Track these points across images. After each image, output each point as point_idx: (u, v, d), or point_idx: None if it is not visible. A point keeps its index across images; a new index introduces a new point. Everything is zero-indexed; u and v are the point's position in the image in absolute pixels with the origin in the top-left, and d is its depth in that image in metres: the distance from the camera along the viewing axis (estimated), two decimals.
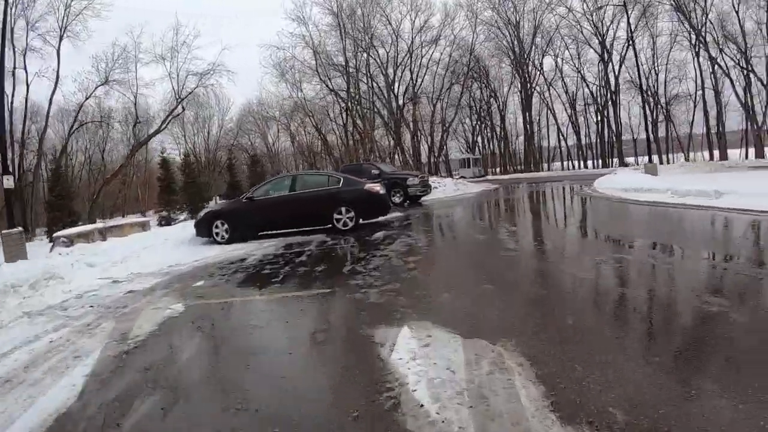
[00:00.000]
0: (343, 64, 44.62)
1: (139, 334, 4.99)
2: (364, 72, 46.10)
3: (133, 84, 41.18)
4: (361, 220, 12.26)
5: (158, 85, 60.66)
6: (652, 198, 13.39)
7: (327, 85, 44.04)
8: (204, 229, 12.54)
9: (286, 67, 44.10)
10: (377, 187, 12.40)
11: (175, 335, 5.03)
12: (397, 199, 20.15)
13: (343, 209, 11.93)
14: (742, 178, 16.29)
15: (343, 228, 11.91)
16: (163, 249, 11.62)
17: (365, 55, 45.27)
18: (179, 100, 42.66)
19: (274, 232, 12.58)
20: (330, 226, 12.05)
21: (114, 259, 9.81)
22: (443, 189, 25.66)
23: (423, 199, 21.40)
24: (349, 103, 45.14)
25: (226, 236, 12.25)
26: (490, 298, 5.13)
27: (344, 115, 46.56)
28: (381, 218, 13.30)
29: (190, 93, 43.18)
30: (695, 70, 40.98)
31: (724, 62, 38.92)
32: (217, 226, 12.36)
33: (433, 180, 27.08)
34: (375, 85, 50.04)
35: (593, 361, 3.27)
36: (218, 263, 9.34)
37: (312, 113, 45.29)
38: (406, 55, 50.35)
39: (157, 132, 44.86)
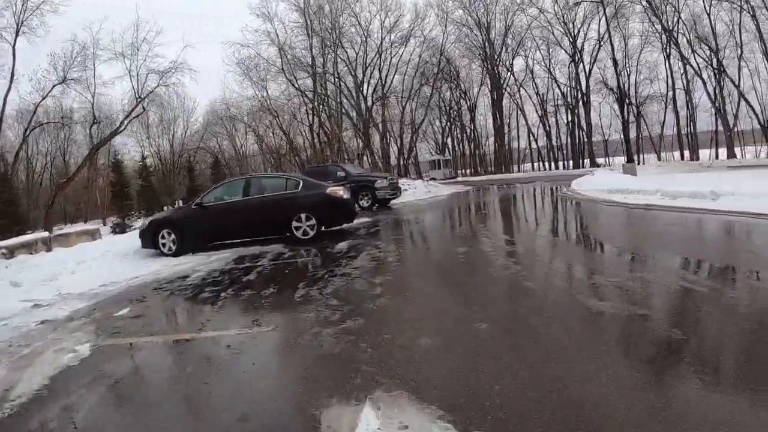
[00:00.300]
0: (310, 62, 42.87)
1: (21, 395, 3.60)
2: (332, 72, 44.45)
3: (91, 83, 38.74)
4: (323, 228, 10.77)
5: (118, 84, 57.81)
6: (641, 200, 12.26)
7: (293, 84, 42.18)
8: (149, 240, 10.91)
9: (251, 65, 42.13)
10: (340, 191, 10.89)
11: (60, 399, 3.52)
12: (364, 203, 18.74)
13: (303, 216, 10.39)
14: (727, 178, 15.31)
15: (303, 237, 10.39)
16: (102, 263, 9.94)
17: (333, 54, 43.52)
18: (139, 99, 40.30)
19: (229, 242, 11.00)
20: (288, 234, 10.53)
21: (45, 275, 8.41)
22: (414, 191, 24.32)
23: (392, 202, 20.04)
24: (316, 103, 43.28)
25: (174, 248, 10.72)
26: (495, 350, 3.56)
27: (310, 116, 44.71)
28: (346, 225, 11.83)
29: (150, 92, 40.82)
30: (666, 71, 40.74)
31: (696, 63, 38.71)
32: (163, 237, 10.80)
33: (402, 182, 25.72)
34: (343, 85, 48.70)
35: None
36: (156, 282, 7.90)
37: (277, 113, 43.21)
38: (375, 55, 49.15)
39: (116, 133, 42.20)
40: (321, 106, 43.80)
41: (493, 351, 3.53)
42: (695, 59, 38.71)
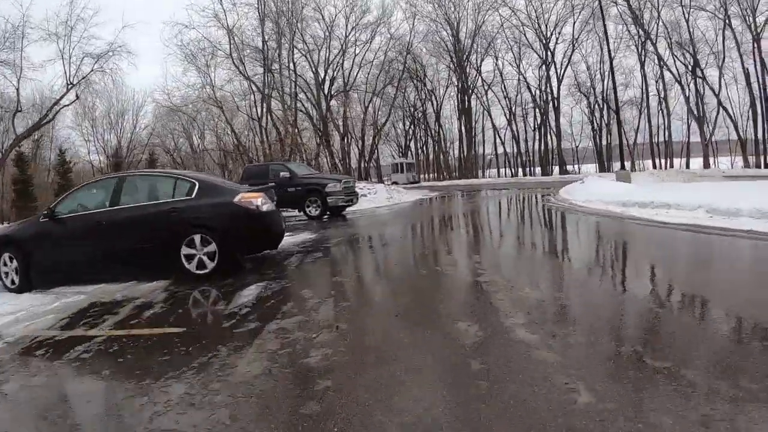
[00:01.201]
0: (260, 46, 38.14)
1: None
2: (287, 65, 40.02)
3: (18, 66, 33.50)
4: (235, 256, 6.89)
5: (49, 68, 52.54)
6: (682, 218, 8.93)
7: (240, 71, 37.19)
8: None
9: (196, 50, 37.02)
10: (258, 199, 6.94)
11: None
12: (313, 211, 15.08)
13: (197, 239, 6.56)
14: (754, 189, 12.22)
15: (198, 272, 6.58)
16: None
17: (289, 43, 39.09)
18: (70, 85, 35.44)
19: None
20: (181, 267, 6.69)
21: None
22: (373, 197, 20.72)
23: (349, 210, 16.42)
24: (267, 93, 38.27)
25: (16, 281, 7.10)
26: None
27: (260, 108, 39.34)
28: (271, 251, 8.12)
29: (83, 78, 36.15)
30: (642, 77, 38.43)
31: (677, 69, 36.56)
32: (5, 263, 7.20)
33: (361, 186, 22.09)
34: (303, 81, 44.65)
35: None
36: None
37: (222, 105, 38.43)
38: (339, 52, 45.31)
39: (39, 125, 36.87)
40: (270, 96, 39.04)
41: None
42: (675, 65, 36.59)
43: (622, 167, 19.27)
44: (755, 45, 34.93)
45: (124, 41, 41.99)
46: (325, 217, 15.27)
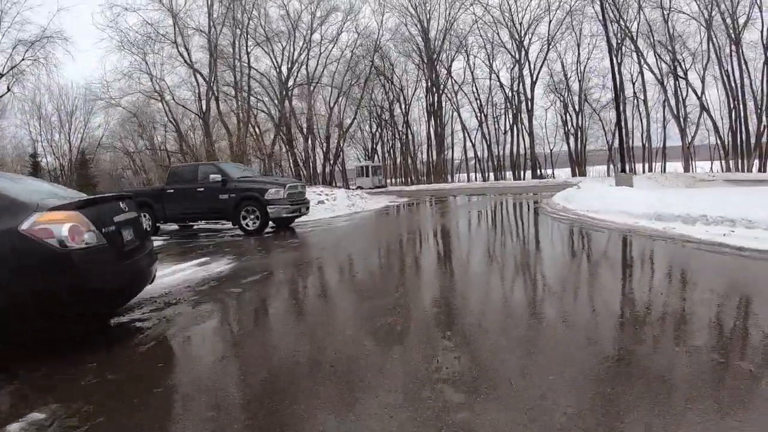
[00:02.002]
0: (207, 30, 33.65)
1: None
2: (239, 56, 35.77)
3: None
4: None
5: None
6: (754, 241, 5.85)
7: (184, 60, 32.54)
8: None
9: (138, 37, 32.17)
10: (65, 228, 3.39)
11: None
12: (250, 224, 11.61)
13: None
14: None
15: None
16: None
17: (242, 32, 34.90)
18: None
19: None
20: None
21: None
22: (332, 205, 17.28)
23: (300, 220, 13.04)
24: (212, 82, 33.48)
25: None
26: None
27: (204, 101, 34.28)
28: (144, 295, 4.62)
29: (14, 67, 31.98)
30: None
31: (659, 69, 34.27)
32: None
33: (319, 191, 18.68)
34: (266, 81, 40.91)
35: None
36: None
37: (162, 96, 33.86)
38: (303, 49, 41.68)
39: None
40: (223, 94, 34.87)
41: None
42: (658, 65, 34.30)
43: (623, 170, 16.34)
44: (732, 47, 33.19)
45: (61, 27, 37.43)
46: (270, 231, 11.84)
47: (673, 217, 8.21)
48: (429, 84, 43.54)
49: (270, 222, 11.89)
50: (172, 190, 12.71)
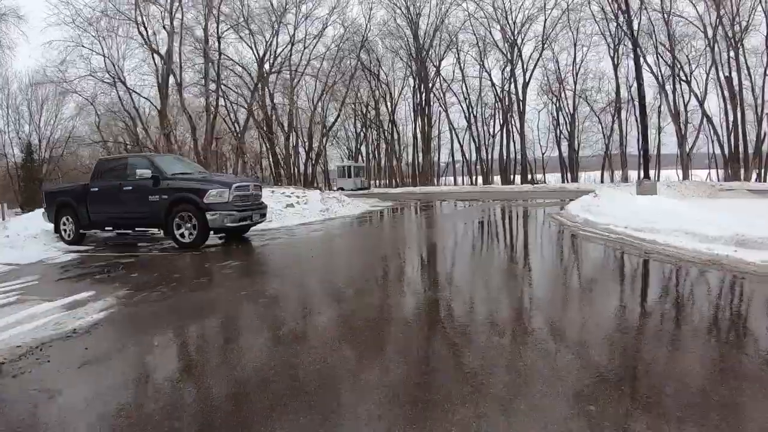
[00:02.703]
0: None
1: None
2: (204, 39, 31.87)
3: None
4: None
5: None
6: None
7: (144, 38, 28.07)
8: None
9: (92, 15, 27.57)
10: None
11: None
12: (186, 235, 8.79)
13: None
14: None
15: None
16: None
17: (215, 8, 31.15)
18: None
19: None
20: None
21: None
22: (302, 209, 14.47)
23: (260, 228, 10.34)
24: (171, 64, 28.86)
25: None
26: None
27: (165, 88, 29.31)
28: None
29: None
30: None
31: (660, 72, 31.96)
32: None
33: (290, 193, 15.87)
34: (248, 77, 37.81)
35: None
36: None
37: (117, 78, 29.90)
38: (287, 44, 38.70)
39: None
40: (180, 76, 30.34)
41: None
42: (659, 68, 32.00)
43: (646, 176, 13.71)
44: (731, 53, 31.08)
45: (16, 4, 33.64)
46: (217, 243, 9.06)
47: (758, 241, 5.58)
48: (417, 82, 40.81)
49: (216, 232, 9.06)
50: (96, 189, 9.81)
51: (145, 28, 26.84)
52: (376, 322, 3.95)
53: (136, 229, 9.75)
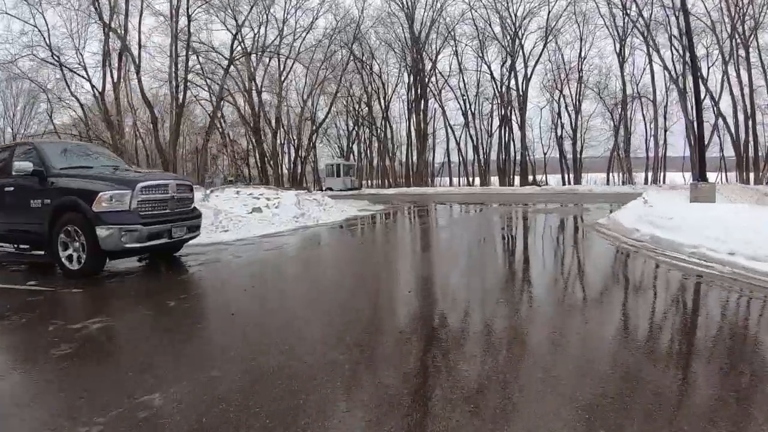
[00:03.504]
0: None
1: None
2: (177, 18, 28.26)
3: None
4: None
5: None
6: None
7: (95, 8, 23.58)
8: None
9: None
10: None
11: None
12: (73, 259, 5.67)
13: None
14: None
15: None
16: None
17: None
18: None
19: None
20: None
21: None
22: (272, 214, 11.41)
23: (208, 241, 7.51)
24: (125, 38, 24.31)
25: None
26: None
27: (118, 69, 25.13)
28: None
29: None
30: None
31: (674, 67, 29.07)
32: None
33: (259, 194, 12.85)
34: (235, 71, 34.53)
35: None
36: None
37: (57, 55, 24.65)
38: (276, 38, 35.60)
39: None
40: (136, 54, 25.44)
41: None
42: (674, 63, 29.09)
43: (703, 178, 10.73)
44: (740, 52, 28.37)
45: None
46: (139, 263, 6.08)
47: None
48: (412, 76, 37.66)
49: (115, 256, 5.96)
50: None
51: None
52: None
53: (20, 246, 6.62)
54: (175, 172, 21.27)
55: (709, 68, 28.75)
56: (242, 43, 33.96)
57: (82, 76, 24.68)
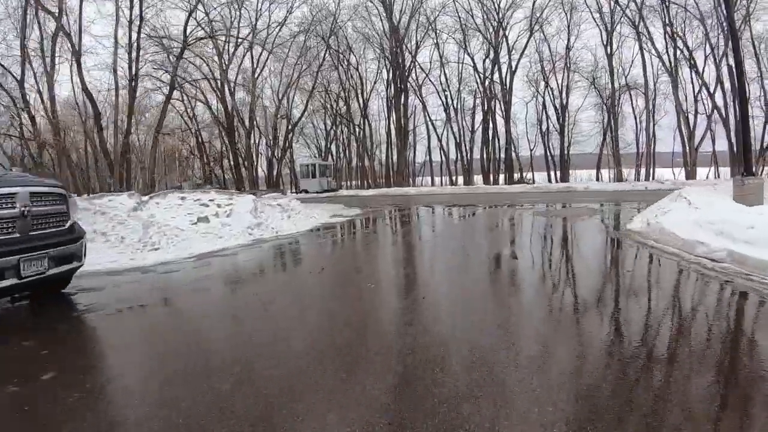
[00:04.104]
0: None
1: None
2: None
3: None
4: None
5: None
6: None
7: None
8: None
9: None
10: None
11: None
12: None
13: None
14: None
15: None
16: None
17: None
18: None
19: None
20: None
21: None
22: (220, 226, 9.18)
23: (115, 267, 5.23)
24: (59, 18, 21.03)
25: None
26: None
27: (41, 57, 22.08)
28: None
29: None
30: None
31: (669, 56, 27.46)
32: None
33: (208, 199, 10.64)
34: (207, 68, 32.24)
35: None
36: None
37: None
38: (249, 33, 33.22)
39: None
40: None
41: None
42: (668, 54, 27.46)
43: (749, 172, 8.78)
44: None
45: None
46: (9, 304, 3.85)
47: None
48: (392, 72, 35.37)
49: None
50: None
51: None
52: None
53: None
54: (121, 177, 18.63)
55: (705, 58, 27.16)
56: (207, 28, 31.37)
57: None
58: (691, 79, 27.55)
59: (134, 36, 22.09)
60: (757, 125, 28.10)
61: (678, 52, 27.02)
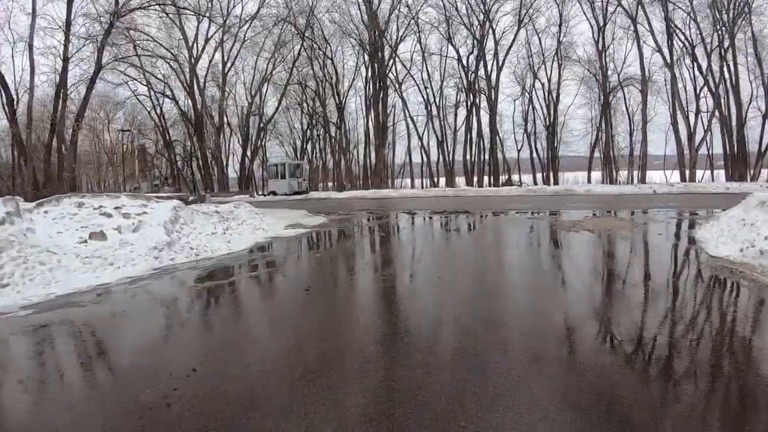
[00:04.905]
0: None
1: None
2: None
3: None
4: None
5: None
6: None
7: None
8: None
9: None
10: None
11: None
12: None
13: None
14: None
15: None
16: None
17: None
18: None
19: None
20: None
21: None
22: (116, 246, 6.37)
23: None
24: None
25: None
26: None
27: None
28: None
29: None
30: (600, 62, 27.11)
31: (670, 52, 25.25)
32: None
33: (113, 208, 7.77)
34: (176, 64, 29.43)
35: None
36: None
37: None
38: (219, 28, 30.40)
39: None
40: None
41: None
42: (669, 50, 25.30)
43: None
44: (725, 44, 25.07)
45: None
46: None
47: None
48: (371, 66, 32.60)
49: None
50: None
51: None
52: None
53: None
54: (34, 171, 15.25)
55: (709, 54, 25.02)
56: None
57: None
58: (692, 76, 25.60)
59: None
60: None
61: (678, 45, 25.01)
